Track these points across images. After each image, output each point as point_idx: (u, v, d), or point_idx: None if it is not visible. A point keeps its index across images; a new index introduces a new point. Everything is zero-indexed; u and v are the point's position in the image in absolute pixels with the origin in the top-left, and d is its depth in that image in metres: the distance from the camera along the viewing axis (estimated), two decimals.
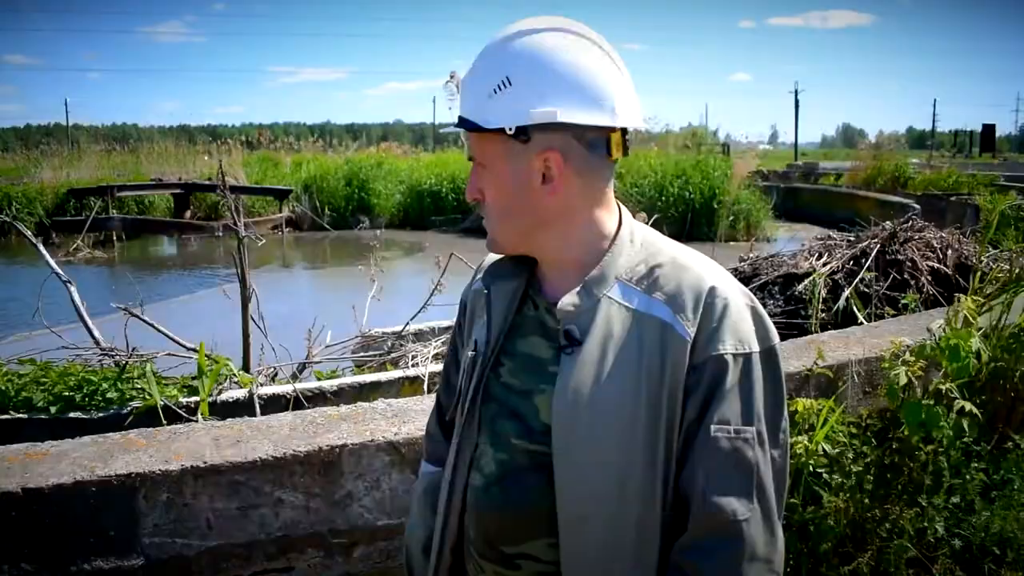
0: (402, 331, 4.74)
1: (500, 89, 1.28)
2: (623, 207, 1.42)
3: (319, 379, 3.99)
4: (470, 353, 1.44)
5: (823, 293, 4.58)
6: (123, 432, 2.65)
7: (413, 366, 4.17)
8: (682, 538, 1.26)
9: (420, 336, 4.84)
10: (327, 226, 19.52)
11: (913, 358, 2.84)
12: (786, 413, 1.33)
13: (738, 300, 1.29)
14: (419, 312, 4.74)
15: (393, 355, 4.50)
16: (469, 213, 21.40)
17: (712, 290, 1.27)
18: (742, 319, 1.28)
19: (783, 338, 3.68)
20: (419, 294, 5.11)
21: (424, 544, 1.58)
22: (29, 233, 5.10)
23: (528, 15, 1.37)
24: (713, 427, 1.23)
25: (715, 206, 19.15)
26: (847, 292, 4.68)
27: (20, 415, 3.38)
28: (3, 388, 3.48)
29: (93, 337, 4.26)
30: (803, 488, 2.75)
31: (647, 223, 1.51)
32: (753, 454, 1.25)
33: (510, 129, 1.27)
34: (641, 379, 1.25)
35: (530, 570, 1.33)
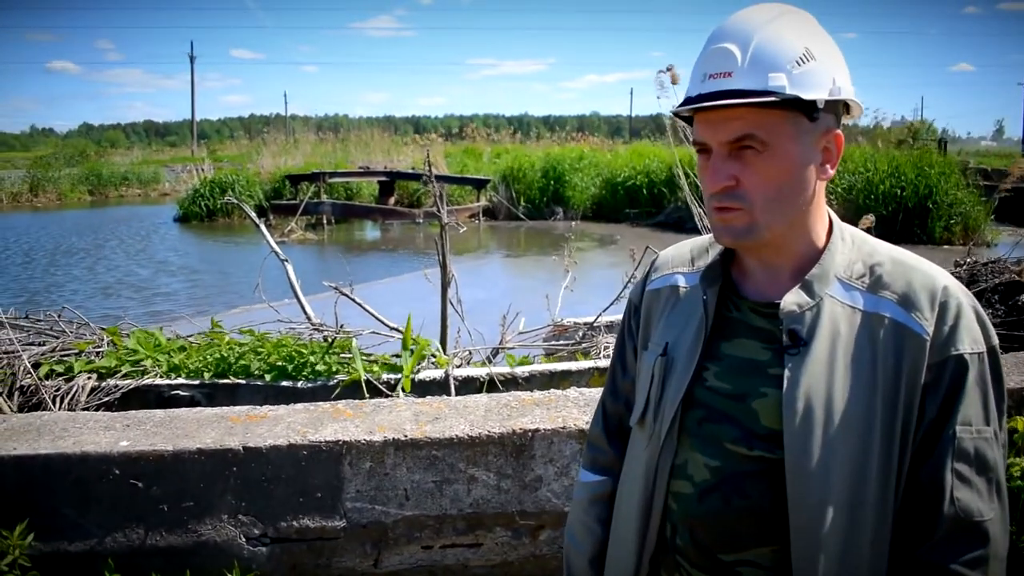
0: (594, 322, 4.75)
1: (804, 61, 1.21)
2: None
3: (511, 364, 4.07)
4: (656, 357, 1.39)
5: None
6: (332, 402, 2.84)
7: (604, 357, 4.17)
8: (925, 539, 1.22)
9: (612, 328, 4.82)
10: (522, 216, 19.88)
11: None
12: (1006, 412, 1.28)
13: (967, 300, 1.25)
14: (612, 304, 4.74)
15: (584, 345, 4.53)
16: (663, 207, 21.11)
17: (945, 289, 1.24)
18: (973, 319, 1.24)
19: (1003, 351, 3.41)
20: (611, 286, 5.12)
21: (591, 557, 1.54)
22: (253, 214, 5.44)
23: (735, 6, 1.31)
24: (958, 428, 1.21)
25: (930, 206, 17.90)
26: None
27: (239, 380, 3.68)
28: (225, 355, 3.79)
29: (305, 312, 4.55)
30: (1020, 514, 2.54)
31: (872, 226, 1.45)
32: (993, 454, 1.23)
33: (821, 103, 1.22)
34: (877, 379, 1.21)
35: None
